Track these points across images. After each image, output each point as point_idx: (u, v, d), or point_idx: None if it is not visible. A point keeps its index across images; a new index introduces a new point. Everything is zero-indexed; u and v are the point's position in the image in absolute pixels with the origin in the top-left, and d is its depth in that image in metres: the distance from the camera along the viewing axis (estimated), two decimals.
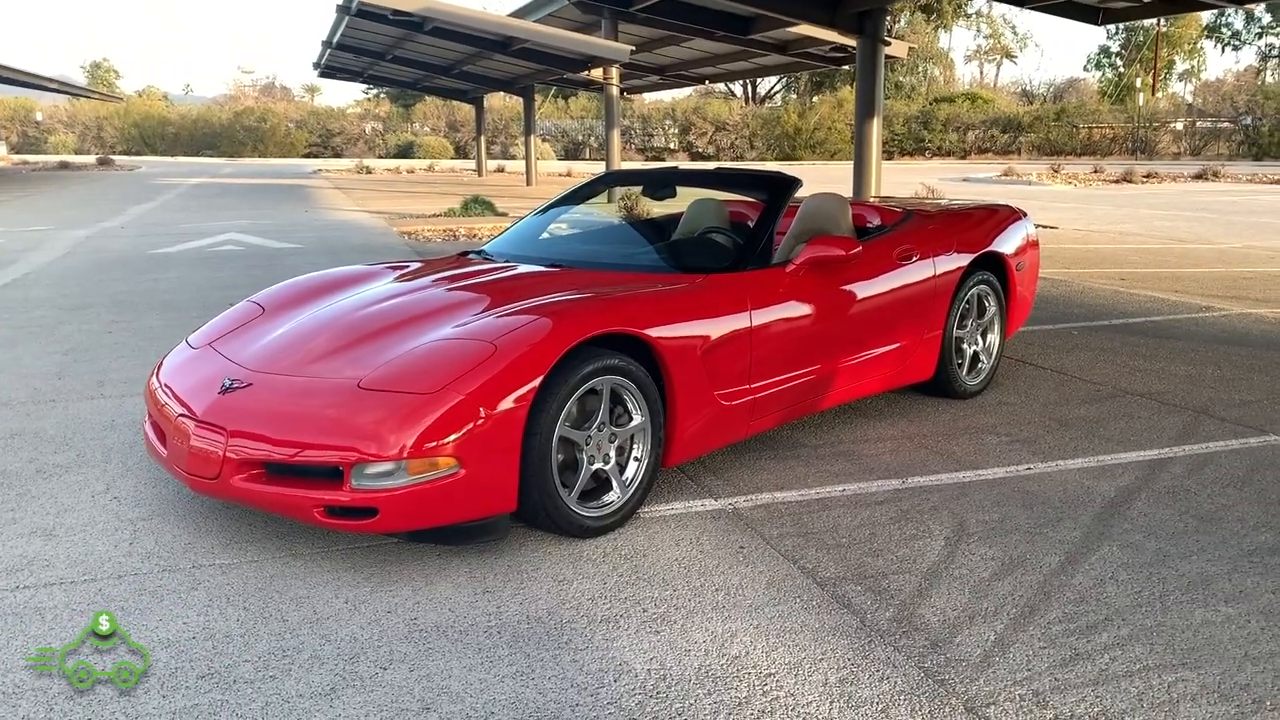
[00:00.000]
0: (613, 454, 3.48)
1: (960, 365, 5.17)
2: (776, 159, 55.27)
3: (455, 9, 17.73)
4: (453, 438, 3.03)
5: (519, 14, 21.29)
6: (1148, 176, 31.25)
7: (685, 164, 47.96)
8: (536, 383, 3.16)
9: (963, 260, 5.00)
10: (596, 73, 21.08)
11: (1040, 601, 2.99)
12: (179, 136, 60.51)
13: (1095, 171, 32.85)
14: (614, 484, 3.49)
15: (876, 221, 5.23)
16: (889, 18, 59.64)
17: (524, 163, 30.31)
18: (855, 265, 4.39)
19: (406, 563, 3.25)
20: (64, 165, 42.63)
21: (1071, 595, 3.03)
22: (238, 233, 14.40)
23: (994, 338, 5.36)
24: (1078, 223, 16.45)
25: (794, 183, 4.49)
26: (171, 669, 2.61)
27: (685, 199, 5.37)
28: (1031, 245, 5.68)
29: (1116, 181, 29.93)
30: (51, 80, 41.51)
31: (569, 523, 3.34)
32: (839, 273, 4.33)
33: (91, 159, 47.19)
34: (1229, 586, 3.09)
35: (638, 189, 5.10)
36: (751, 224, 4.58)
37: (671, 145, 59.38)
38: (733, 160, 55.20)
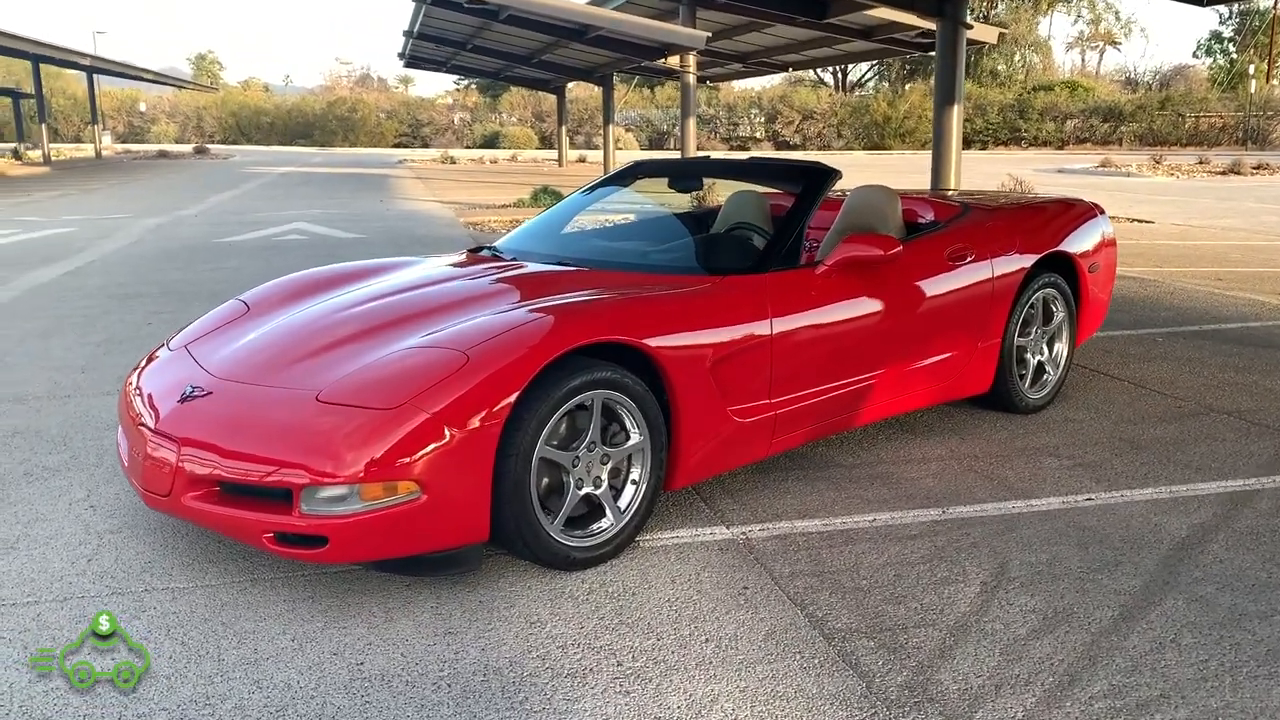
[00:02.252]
0: (605, 477, 3.13)
1: (1023, 377, 4.68)
2: (865, 148, 54.11)
3: None
4: (413, 459, 2.71)
5: (596, 1, 20.99)
6: (1258, 168, 29.54)
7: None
8: (513, 398, 2.82)
9: (1025, 261, 4.51)
10: (673, 60, 20.68)
11: (1084, 668, 2.54)
12: (274, 126, 61.97)
13: (1200, 163, 31.19)
14: (607, 510, 3.14)
15: (930, 217, 4.76)
16: (984, 2, 57.90)
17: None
18: (897, 266, 3.94)
19: (370, 593, 2.94)
20: (163, 154, 43.94)
21: (1123, 662, 2.58)
22: (306, 222, 14.40)
23: (1062, 346, 4.85)
24: (1176, 217, 15.50)
25: (830, 174, 4.06)
26: (81, 715, 2.35)
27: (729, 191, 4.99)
28: (1108, 244, 5.14)
29: (1223, 173, 28.34)
30: (148, 71, 42.69)
31: (552, 554, 2.99)
32: (878, 275, 3.89)
33: (189, 148, 48.49)
34: None
35: (663, 181, 4.69)
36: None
37: (757, 134, 58.54)
38: (819, 151, 54.18)
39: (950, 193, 5.88)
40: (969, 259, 4.30)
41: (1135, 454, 4.18)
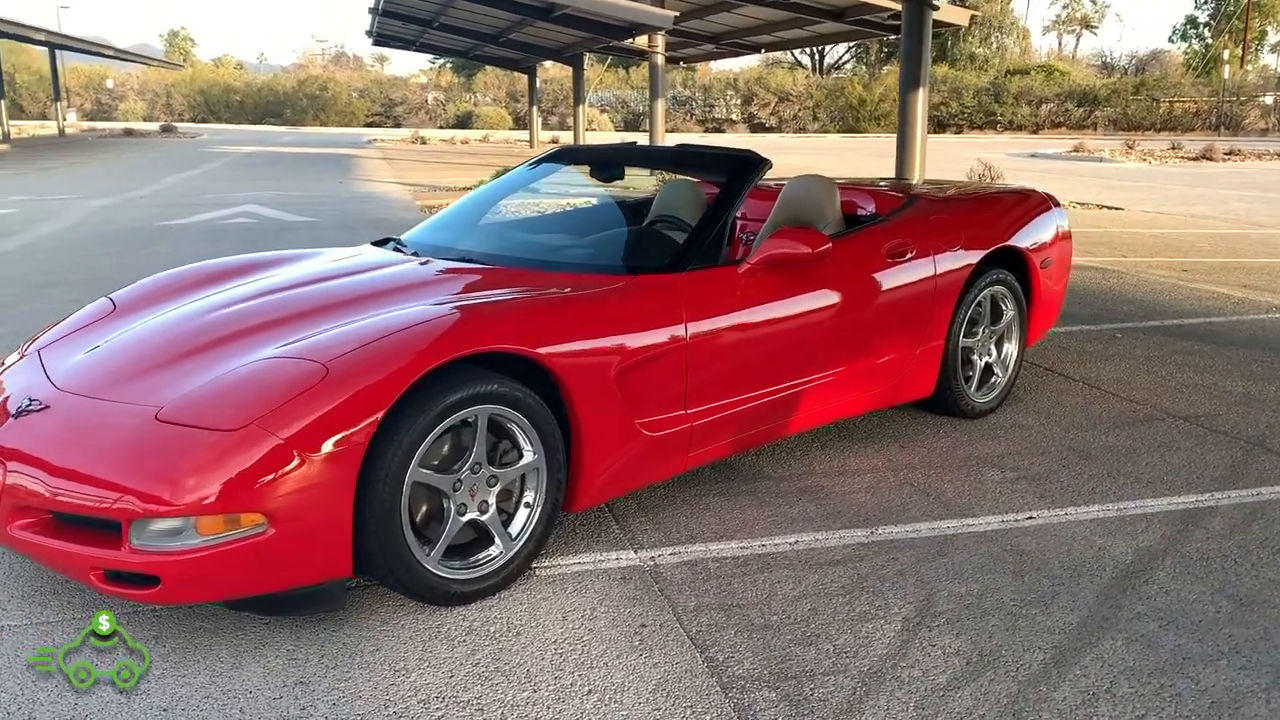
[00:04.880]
0: (493, 500, 2.82)
1: (969, 380, 4.40)
2: (840, 131, 53.79)
3: None
4: (258, 488, 2.39)
5: None
6: (1230, 154, 29.44)
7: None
8: (378, 416, 2.51)
9: (971, 257, 4.21)
10: (642, 40, 20.29)
11: None
12: (244, 104, 60.94)
13: (1173, 148, 31.08)
14: (496, 537, 2.84)
15: (870, 209, 4.46)
16: None
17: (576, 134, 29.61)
18: (829, 264, 3.64)
19: (223, 632, 2.63)
20: (128, 132, 43.01)
21: (1050, 717, 2.30)
22: (257, 205, 13.97)
23: (1011, 347, 4.57)
24: (1146, 203, 15.28)
25: (757, 164, 3.75)
26: None
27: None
28: (1062, 238, 4.85)
29: (1195, 159, 28.21)
30: (110, 48, 41.84)
31: (429, 588, 2.69)
32: (807, 273, 3.59)
33: (155, 126, 47.59)
34: (1265, 712, 2.33)
35: (585, 169, 4.36)
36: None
37: (733, 116, 58.11)
38: (795, 133, 53.84)
39: (897, 182, 5.56)
40: (909, 255, 4.01)
41: (1083, 465, 3.91)
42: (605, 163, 4.27)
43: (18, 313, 6.58)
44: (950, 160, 22.30)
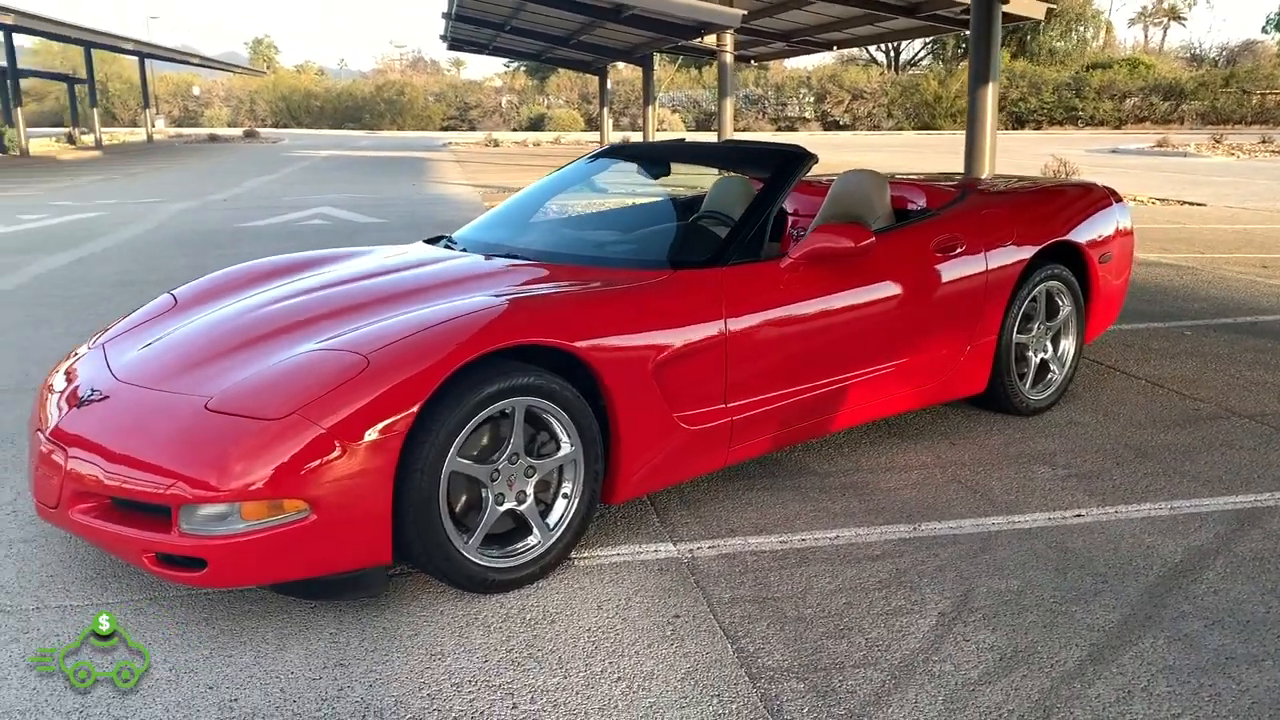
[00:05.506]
0: (531, 491, 2.87)
1: (1023, 376, 4.33)
2: (915, 128, 53.07)
3: None
4: (301, 475, 2.47)
5: None
6: None
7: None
8: (416, 408, 2.57)
9: (1023, 253, 4.15)
10: (710, 39, 20.28)
11: None
12: (324, 110, 62.42)
13: (1262, 142, 30.01)
14: (534, 527, 2.89)
15: (921, 204, 4.42)
16: None
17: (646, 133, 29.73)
18: (873, 258, 3.62)
19: (270, 616, 2.72)
20: (213, 138, 44.38)
21: (1082, 714, 2.27)
22: (332, 207, 14.30)
23: (1068, 343, 4.49)
24: (1230, 199, 14.81)
25: (803, 159, 3.74)
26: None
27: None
28: (1122, 235, 4.75)
29: None
30: (196, 56, 43.13)
31: (467, 576, 2.75)
32: (851, 267, 3.58)
33: (239, 132, 48.94)
34: None
35: (634, 167, 4.40)
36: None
37: (806, 114, 57.71)
38: (869, 130, 53.25)
39: (950, 177, 5.49)
40: (959, 250, 3.96)
41: (1139, 463, 3.82)
42: (653, 160, 4.31)
43: (99, 311, 6.84)
44: (1028, 157, 21.91)
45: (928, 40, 60.27)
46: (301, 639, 2.62)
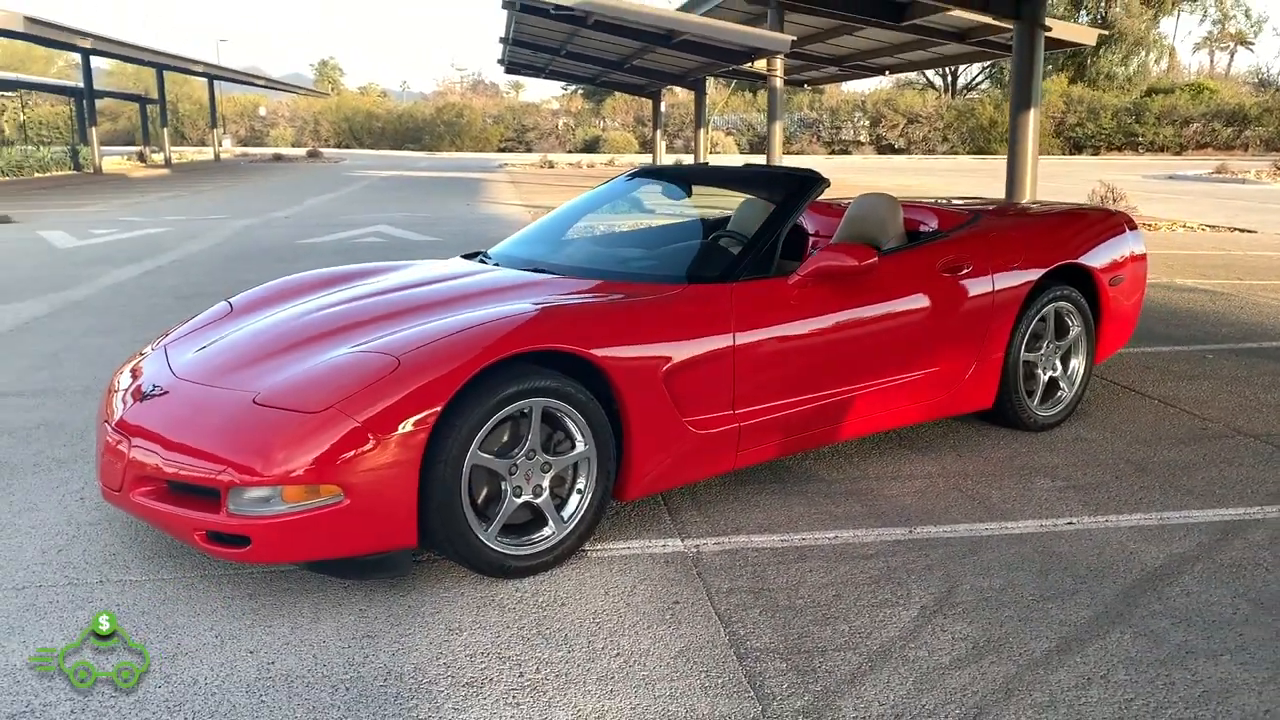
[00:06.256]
0: (547, 485, 3.12)
1: (1031, 393, 4.50)
2: (971, 152, 52.83)
3: (612, 3, 17.59)
4: (336, 463, 2.75)
5: (686, 8, 21.01)
6: None
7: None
8: (440, 405, 2.84)
9: (1030, 275, 4.33)
10: (761, 64, 20.58)
11: (996, 702, 2.44)
12: (385, 131, 63.79)
13: None
14: (549, 518, 3.14)
15: (932, 226, 4.62)
16: (1102, 2, 55.76)
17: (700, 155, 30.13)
18: (878, 277, 3.84)
19: (307, 593, 3.00)
20: (277, 157, 45.61)
21: (1040, 697, 2.46)
22: (389, 225, 14.76)
23: (1078, 362, 4.65)
24: None
25: (814, 182, 3.97)
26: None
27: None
28: (1135, 260, 4.90)
29: None
30: (261, 78, 44.38)
31: (486, 561, 3.01)
32: (856, 285, 3.80)
33: (302, 152, 50.22)
34: (1255, 703, 2.44)
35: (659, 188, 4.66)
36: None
37: (860, 138, 57.74)
38: (924, 155, 53.11)
39: (963, 201, 5.66)
40: (965, 270, 4.16)
41: (1137, 477, 3.98)
42: (676, 181, 4.56)
43: (164, 320, 7.24)
44: (1079, 183, 21.81)
45: (985, 65, 60.02)
46: (334, 613, 2.89)
